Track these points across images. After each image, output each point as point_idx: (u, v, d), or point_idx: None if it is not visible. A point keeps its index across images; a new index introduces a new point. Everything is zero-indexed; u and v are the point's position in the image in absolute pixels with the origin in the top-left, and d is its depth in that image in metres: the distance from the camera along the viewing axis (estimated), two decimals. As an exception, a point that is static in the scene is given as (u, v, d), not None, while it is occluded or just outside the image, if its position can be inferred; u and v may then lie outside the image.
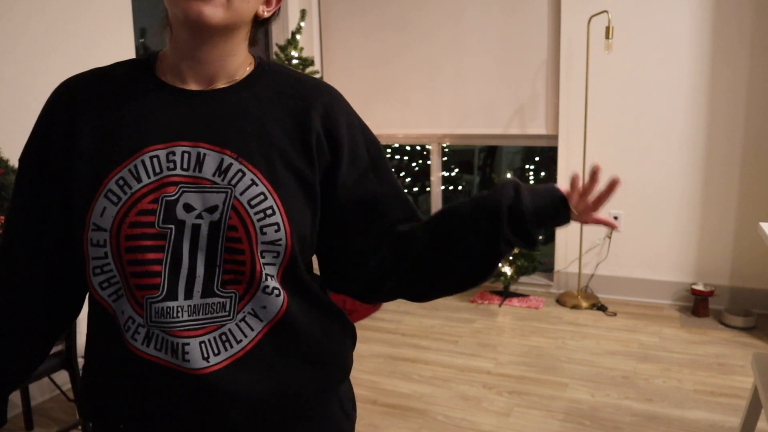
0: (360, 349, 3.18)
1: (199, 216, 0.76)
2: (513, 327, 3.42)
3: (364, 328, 3.48)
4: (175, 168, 0.77)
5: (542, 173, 4.44)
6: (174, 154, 0.77)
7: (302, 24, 3.69)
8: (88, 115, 0.80)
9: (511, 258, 3.77)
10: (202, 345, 0.77)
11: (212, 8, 0.74)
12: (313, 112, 0.83)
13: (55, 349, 2.17)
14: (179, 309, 0.76)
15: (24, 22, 2.55)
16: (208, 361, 0.77)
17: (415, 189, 4.91)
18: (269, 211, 0.78)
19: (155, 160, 0.77)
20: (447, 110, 4.14)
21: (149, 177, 0.76)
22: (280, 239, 0.78)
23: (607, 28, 3.35)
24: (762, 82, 3.33)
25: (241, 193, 0.77)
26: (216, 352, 0.78)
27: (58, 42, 2.69)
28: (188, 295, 0.76)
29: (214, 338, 0.78)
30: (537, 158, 4.49)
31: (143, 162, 0.76)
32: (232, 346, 0.79)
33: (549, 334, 3.30)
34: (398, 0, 4.14)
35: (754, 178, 3.42)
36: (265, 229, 0.77)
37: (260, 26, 0.85)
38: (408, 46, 4.17)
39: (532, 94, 3.88)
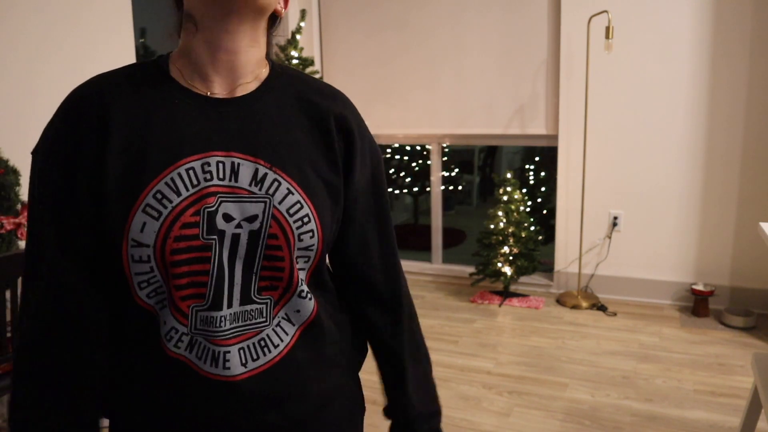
0: (360, 349, 3.18)
1: (239, 225, 0.76)
2: (513, 327, 3.42)
3: (364, 328, 3.48)
4: (212, 179, 0.76)
5: (542, 173, 4.44)
6: (209, 164, 0.76)
7: (302, 24, 3.70)
8: (118, 122, 0.75)
9: (511, 258, 3.78)
10: (241, 351, 0.78)
11: None
12: (332, 120, 0.84)
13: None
14: (222, 318, 0.76)
15: (24, 22, 2.55)
16: (246, 367, 0.78)
17: (415, 189, 4.91)
18: (306, 219, 0.79)
19: (191, 171, 0.75)
20: (447, 110, 4.14)
21: (188, 190, 0.75)
22: (314, 245, 0.80)
23: (607, 28, 3.35)
24: (762, 82, 3.33)
25: (279, 203, 0.77)
26: (255, 357, 0.79)
27: (59, 42, 2.69)
28: (230, 303, 0.77)
29: (253, 344, 0.79)
30: (537, 158, 4.49)
31: (180, 175, 0.75)
32: (270, 351, 0.80)
33: (549, 334, 3.30)
34: (398, 0, 4.14)
35: (754, 178, 3.42)
36: (302, 237, 0.79)
37: (273, 25, 0.86)
38: (408, 46, 4.17)
39: (532, 94, 3.88)
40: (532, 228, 3.81)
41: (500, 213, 3.79)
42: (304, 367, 0.83)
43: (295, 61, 3.66)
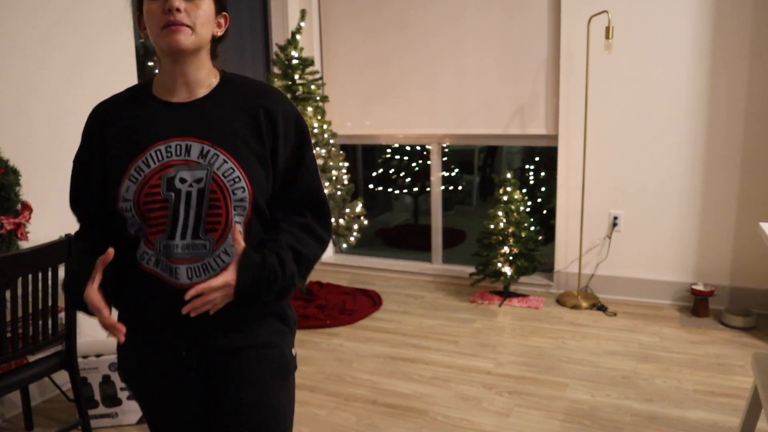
0: (360, 349, 3.19)
1: (190, 185, 1.16)
2: (513, 327, 3.42)
3: (364, 328, 3.48)
4: (171, 156, 1.17)
5: (542, 173, 4.44)
6: (170, 147, 1.17)
7: (302, 24, 3.69)
8: (112, 126, 1.22)
9: (511, 258, 3.78)
10: (188, 270, 1.17)
11: (185, 36, 1.14)
12: (261, 110, 1.21)
13: (55, 349, 2.17)
14: (176, 245, 1.16)
15: (24, 23, 2.55)
16: (191, 280, 1.17)
17: (415, 189, 4.91)
18: (237, 179, 1.16)
19: (158, 152, 1.17)
20: (447, 110, 4.14)
21: (155, 163, 1.17)
22: (245, 197, 1.17)
23: (607, 28, 3.35)
24: (762, 82, 3.33)
25: (218, 169, 1.16)
26: (198, 275, 1.17)
27: (59, 43, 2.69)
28: (183, 236, 1.16)
29: (197, 266, 1.17)
30: (537, 158, 4.49)
31: (150, 155, 1.17)
32: (209, 273, 1.17)
33: (549, 334, 3.30)
34: (398, 0, 4.14)
35: (754, 178, 3.42)
36: (235, 191, 1.16)
37: (217, 43, 1.25)
38: (408, 46, 4.17)
39: (532, 94, 3.88)
40: (532, 228, 3.81)
41: (500, 213, 3.79)
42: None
43: (295, 61, 3.66)
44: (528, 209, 3.84)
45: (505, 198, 3.79)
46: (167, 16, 1.12)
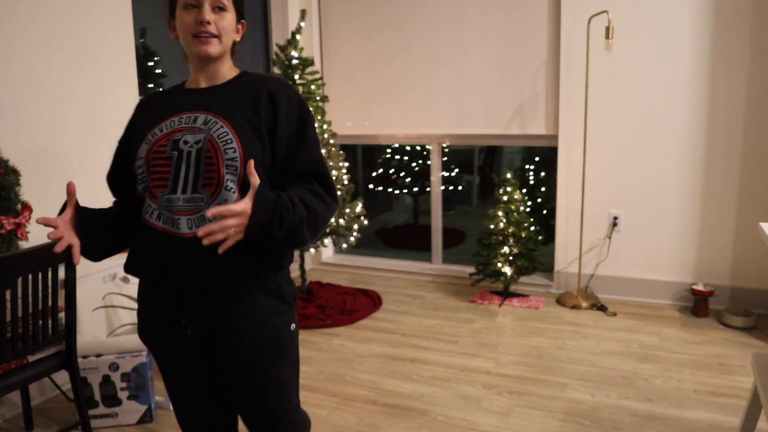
0: (360, 349, 3.19)
1: (191, 146, 1.33)
2: (513, 327, 3.42)
3: (364, 328, 3.48)
4: (181, 124, 1.36)
5: (542, 173, 4.44)
6: (182, 118, 1.37)
7: (302, 24, 3.69)
8: (146, 112, 1.46)
9: (511, 258, 3.78)
10: (188, 221, 1.32)
11: (213, 47, 1.36)
12: (263, 91, 1.39)
13: (55, 349, 2.17)
14: (177, 199, 1.32)
15: (24, 23, 2.55)
16: (191, 230, 1.31)
17: (415, 189, 4.91)
18: (229, 141, 1.32)
19: (172, 122, 1.37)
20: (447, 110, 4.14)
21: (167, 129, 1.36)
22: (236, 157, 1.31)
23: (607, 28, 3.35)
24: (762, 82, 3.33)
25: (214, 133, 1.33)
26: (197, 225, 1.31)
27: (59, 43, 2.69)
28: (183, 191, 1.32)
29: (196, 218, 1.31)
30: (537, 158, 4.49)
31: (166, 124, 1.38)
32: (207, 224, 1.27)
33: (549, 334, 3.30)
34: (398, 0, 4.14)
35: (754, 178, 3.42)
36: (227, 151, 1.31)
37: (235, 45, 1.46)
38: (408, 46, 4.17)
39: (532, 94, 3.88)
40: (532, 228, 3.81)
41: (500, 213, 3.79)
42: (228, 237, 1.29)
43: (295, 61, 3.66)
44: (528, 209, 3.84)
45: (505, 198, 3.79)
46: (198, 26, 1.33)
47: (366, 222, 3.96)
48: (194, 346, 1.38)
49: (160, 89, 1.52)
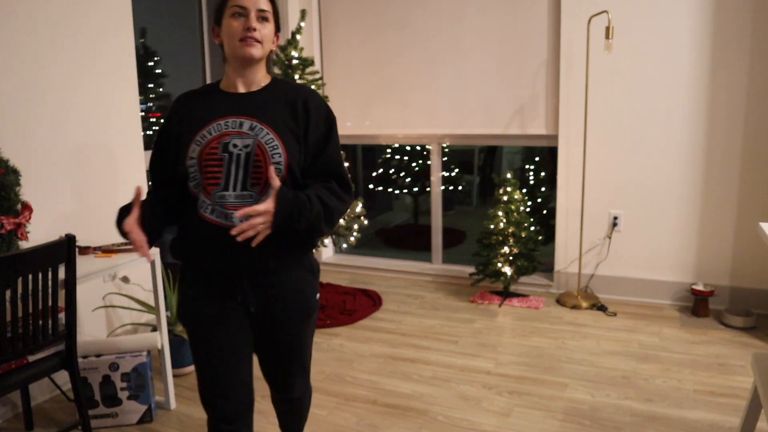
0: (360, 349, 3.19)
1: (240, 150, 1.51)
2: (513, 327, 3.42)
3: (364, 328, 3.48)
4: (228, 128, 1.53)
5: (542, 173, 4.44)
6: (228, 122, 1.54)
7: (302, 24, 3.69)
8: (187, 109, 1.61)
9: (511, 258, 3.78)
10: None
11: (256, 50, 1.53)
12: (299, 100, 1.59)
13: (55, 349, 2.17)
14: (229, 195, 1.51)
15: (25, 24, 2.55)
16: (242, 222, 1.45)
17: (415, 189, 4.91)
18: (275, 146, 1.51)
19: (219, 125, 1.54)
20: (447, 110, 4.14)
21: (216, 132, 1.53)
22: (281, 161, 1.52)
23: (607, 28, 3.35)
24: (761, 82, 3.33)
25: (261, 138, 1.52)
26: (246, 219, 1.44)
27: (59, 43, 2.69)
28: (234, 188, 1.51)
29: None
30: (537, 158, 4.49)
31: (212, 127, 1.54)
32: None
33: (549, 334, 3.30)
34: (398, 0, 4.14)
35: (754, 178, 3.42)
36: (273, 155, 1.51)
37: (271, 53, 1.64)
38: (408, 46, 4.17)
39: (532, 94, 3.88)
40: (532, 228, 3.81)
41: (500, 213, 3.79)
42: (276, 230, 1.49)
43: (295, 61, 3.66)
44: (528, 209, 3.84)
45: (505, 198, 3.79)
46: (245, 32, 1.52)
47: (366, 222, 3.96)
48: (240, 316, 1.61)
49: (195, 89, 1.69)
